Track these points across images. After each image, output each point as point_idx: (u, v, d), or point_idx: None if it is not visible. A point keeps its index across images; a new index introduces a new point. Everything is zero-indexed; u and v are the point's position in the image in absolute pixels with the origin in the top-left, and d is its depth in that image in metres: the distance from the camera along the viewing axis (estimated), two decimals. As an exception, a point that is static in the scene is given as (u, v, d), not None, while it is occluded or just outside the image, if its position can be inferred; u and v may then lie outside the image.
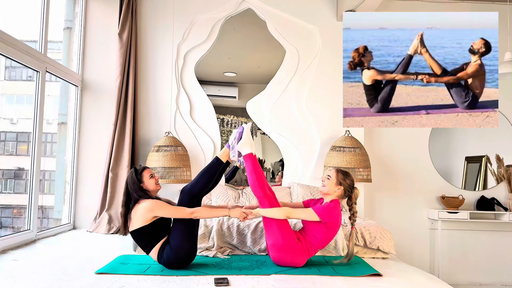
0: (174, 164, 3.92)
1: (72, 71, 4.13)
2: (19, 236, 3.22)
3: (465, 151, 4.66)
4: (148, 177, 2.63)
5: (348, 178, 2.70)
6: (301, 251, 2.59)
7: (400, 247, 4.36)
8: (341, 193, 2.67)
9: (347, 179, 2.69)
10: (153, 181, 2.64)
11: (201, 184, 2.70)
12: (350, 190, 2.69)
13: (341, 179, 2.67)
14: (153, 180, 2.64)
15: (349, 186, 2.69)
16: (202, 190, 2.71)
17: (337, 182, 2.67)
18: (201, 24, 4.39)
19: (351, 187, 2.69)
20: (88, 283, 2.21)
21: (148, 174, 2.64)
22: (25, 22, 3.81)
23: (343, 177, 2.68)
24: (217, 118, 4.43)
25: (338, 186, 2.67)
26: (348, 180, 2.69)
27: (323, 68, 4.40)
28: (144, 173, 2.63)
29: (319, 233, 2.61)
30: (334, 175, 2.69)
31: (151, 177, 2.64)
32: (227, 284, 2.20)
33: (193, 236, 2.59)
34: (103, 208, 4.02)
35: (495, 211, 4.41)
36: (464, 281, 4.51)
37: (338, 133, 4.29)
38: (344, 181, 2.67)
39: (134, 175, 2.61)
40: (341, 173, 2.70)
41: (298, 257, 2.59)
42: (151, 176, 2.65)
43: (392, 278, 2.43)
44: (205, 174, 2.73)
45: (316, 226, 2.62)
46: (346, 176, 2.70)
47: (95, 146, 4.23)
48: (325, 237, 2.63)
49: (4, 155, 3.96)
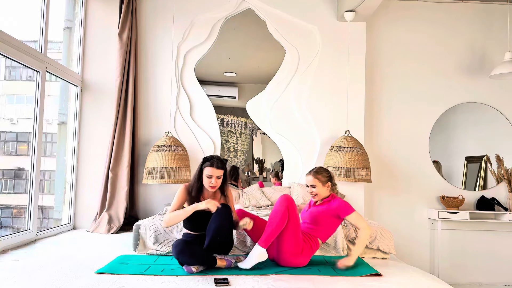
0: (173, 164, 3.92)
1: (72, 71, 4.13)
2: (19, 236, 3.22)
3: (465, 151, 4.66)
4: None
5: (324, 172, 2.78)
6: (308, 251, 2.64)
7: (400, 247, 4.36)
8: (331, 187, 2.77)
9: (324, 174, 2.76)
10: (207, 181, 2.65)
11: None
12: (333, 180, 2.79)
13: (322, 178, 2.74)
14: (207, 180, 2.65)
15: (330, 177, 2.77)
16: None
17: (323, 183, 2.74)
18: (201, 24, 4.38)
19: (331, 177, 2.78)
20: (88, 283, 2.21)
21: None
22: (25, 22, 3.81)
23: (322, 176, 2.75)
24: (217, 118, 4.43)
25: (325, 185, 2.75)
26: (326, 173, 2.77)
27: (323, 68, 4.40)
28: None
29: (334, 226, 2.74)
30: (316, 181, 2.74)
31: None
32: (227, 284, 2.20)
33: (190, 234, 2.64)
34: (103, 208, 4.02)
35: (495, 211, 4.41)
36: (464, 281, 4.51)
37: (338, 133, 4.29)
38: (325, 177, 2.75)
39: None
40: (318, 174, 2.76)
41: (306, 257, 2.64)
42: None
43: (392, 278, 2.43)
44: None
45: (334, 221, 2.72)
46: (322, 172, 2.77)
47: (95, 146, 4.23)
48: (335, 229, 2.78)
49: (4, 155, 3.96)
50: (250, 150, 4.59)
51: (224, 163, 2.69)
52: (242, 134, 4.57)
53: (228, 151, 4.54)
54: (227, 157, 4.52)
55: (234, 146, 4.55)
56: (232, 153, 4.54)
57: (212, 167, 2.61)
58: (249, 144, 4.59)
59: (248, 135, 4.58)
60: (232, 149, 4.54)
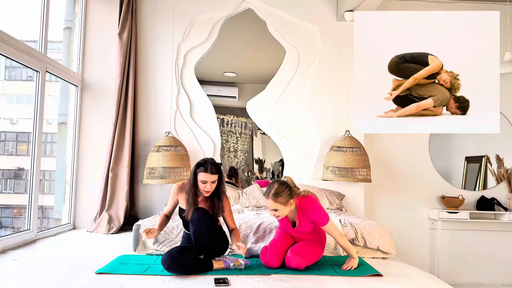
0: (174, 164, 3.92)
1: (72, 71, 4.13)
2: (19, 236, 3.22)
3: (465, 151, 4.66)
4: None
5: (284, 191, 2.46)
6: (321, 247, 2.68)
7: (400, 247, 4.35)
8: (293, 202, 2.51)
9: (284, 194, 2.46)
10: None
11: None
12: (293, 193, 2.51)
13: (283, 200, 2.45)
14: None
15: (290, 193, 2.48)
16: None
17: (285, 203, 2.46)
18: (201, 24, 4.39)
19: (291, 191, 2.49)
20: (88, 283, 2.21)
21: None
22: (25, 22, 3.81)
23: (282, 198, 2.45)
24: (217, 118, 4.43)
25: (288, 204, 2.47)
26: (286, 192, 2.46)
27: (323, 68, 4.40)
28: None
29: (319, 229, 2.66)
30: (277, 205, 2.45)
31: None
32: (227, 284, 2.20)
33: (188, 235, 2.64)
34: (103, 208, 4.02)
35: (495, 211, 4.41)
36: (464, 281, 4.51)
37: (338, 133, 4.29)
38: (286, 197, 2.46)
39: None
40: (278, 197, 2.45)
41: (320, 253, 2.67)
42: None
43: (392, 278, 2.43)
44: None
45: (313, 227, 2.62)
46: (281, 193, 2.45)
47: (95, 146, 4.23)
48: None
49: (4, 155, 3.96)
50: (250, 150, 4.59)
51: (218, 167, 2.59)
52: (242, 134, 4.57)
53: (228, 151, 4.54)
54: (227, 157, 4.52)
55: (234, 146, 4.55)
56: (232, 153, 4.54)
57: (206, 172, 2.51)
58: (249, 144, 4.59)
59: (248, 135, 4.58)
60: (232, 149, 4.54)
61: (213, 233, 2.52)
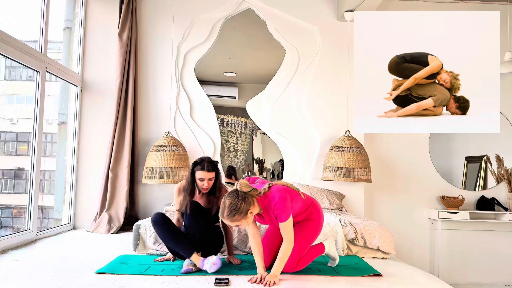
0: (173, 164, 3.92)
1: (72, 71, 4.13)
2: (19, 236, 3.22)
3: (465, 151, 4.66)
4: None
5: (235, 209, 2.23)
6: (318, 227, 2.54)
7: (400, 247, 4.35)
8: (254, 209, 2.32)
9: (238, 212, 2.23)
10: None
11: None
12: (249, 200, 2.29)
13: (239, 217, 2.24)
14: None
15: (246, 202, 2.26)
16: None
17: (244, 216, 2.26)
18: (201, 24, 4.39)
19: (246, 200, 2.27)
20: (88, 283, 2.21)
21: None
22: (25, 22, 3.81)
23: (238, 215, 2.23)
24: (217, 118, 4.43)
25: (248, 216, 2.28)
26: (239, 207, 2.23)
27: (323, 68, 4.40)
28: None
29: (301, 218, 2.50)
30: (236, 222, 2.26)
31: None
32: (227, 284, 2.20)
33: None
34: (103, 208, 4.02)
35: (495, 211, 4.41)
36: (464, 281, 4.51)
37: (338, 133, 4.29)
38: (242, 213, 2.24)
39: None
40: (234, 216, 2.23)
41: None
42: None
43: (392, 278, 2.43)
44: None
45: (298, 220, 2.49)
46: (235, 213, 2.23)
47: (95, 146, 4.23)
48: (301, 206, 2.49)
49: (4, 155, 3.96)
50: (250, 150, 4.59)
51: (215, 164, 2.70)
52: (242, 134, 4.57)
53: (228, 151, 4.54)
54: (227, 157, 4.52)
55: (234, 146, 4.55)
56: (232, 153, 4.54)
57: (203, 170, 2.63)
58: (249, 144, 4.59)
59: (248, 135, 4.58)
60: (232, 149, 4.54)
61: (207, 228, 2.64)
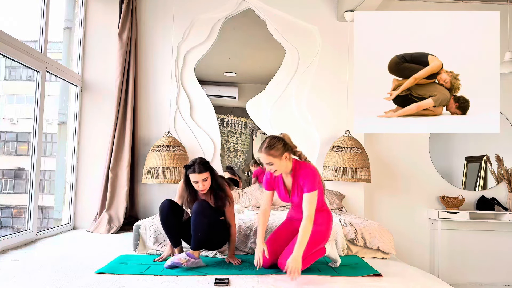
0: (173, 164, 3.92)
1: (72, 71, 4.13)
2: (19, 236, 3.22)
3: (465, 151, 4.66)
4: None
5: (277, 143, 2.40)
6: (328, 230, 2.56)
7: (400, 247, 4.36)
8: (289, 156, 2.44)
9: (278, 146, 2.39)
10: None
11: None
12: (288, 147, 2.44)
13: (276, 153, 2.38)
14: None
15: (285, 146, 2.41)
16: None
17: (279, 157, 2.39)
18: (201, 24, 4.39)
19: (285, 145, 2.42)
20: (88, 283, 2.21)
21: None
22: (25, 22, 3.81)
23: (275, 150, 2.38)
24: (217, 118, 4.43)
25: (283, 158, 2.40)
26: (279, 144, 2.40)
27: (323, 68, 4.40)
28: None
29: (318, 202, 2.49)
30: (271, 158, 2.38)
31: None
32: (227, 284, 2.20)
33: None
34: (103, 208, 4.02)
35: (495, 211, 4.41)
36: (464, 281, 4.51)
37: (338, 133, 4.29)
38: (279, 150, 2.39)
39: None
40: (271, 150, 2.38)
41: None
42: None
43: (392, 278, 2.43)
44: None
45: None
46: (274, 146, 2.39)
47: (95, 146, 4.23)
48: (321, 201, 2.54)
49: (4, 155, 3.96)
50: (250, 150, 4.59)
51: (206, 164, 2.66)
52: (242, 134, 4.57)
53: (228, 151, 4.54)
54: (227, 157, 4.52)
55: (234, 146, 4.55)
56: (232, 153, 4.54)
57: (194, 173, 2.60)
58: (249, 144, 4.59)
59: (248, 135, 4.58)
60: (232, 149, 4.54)
61: (213, 226, 2.60)
